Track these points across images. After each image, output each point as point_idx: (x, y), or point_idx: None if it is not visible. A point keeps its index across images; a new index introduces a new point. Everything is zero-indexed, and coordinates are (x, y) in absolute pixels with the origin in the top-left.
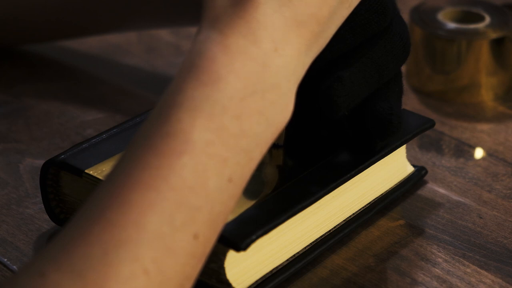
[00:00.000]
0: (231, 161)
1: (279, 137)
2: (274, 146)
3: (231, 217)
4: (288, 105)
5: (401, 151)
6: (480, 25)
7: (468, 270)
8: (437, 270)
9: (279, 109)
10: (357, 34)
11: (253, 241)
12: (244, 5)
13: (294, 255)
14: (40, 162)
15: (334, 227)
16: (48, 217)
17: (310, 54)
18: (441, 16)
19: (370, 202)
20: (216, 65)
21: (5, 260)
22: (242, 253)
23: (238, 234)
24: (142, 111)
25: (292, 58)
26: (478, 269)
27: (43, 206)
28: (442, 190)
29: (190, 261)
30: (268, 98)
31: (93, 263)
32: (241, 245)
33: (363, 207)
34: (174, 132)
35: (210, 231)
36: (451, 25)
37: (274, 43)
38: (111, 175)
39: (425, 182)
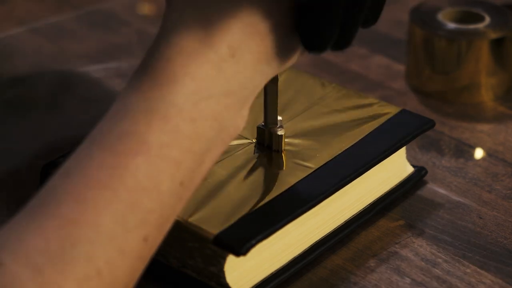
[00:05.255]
0: (183, 165)
1: (278, 144)
2: (274, 150)
3: (231, 220)
4: (242, 113)
5: (401, 151)
6: (480, 25)
7: (468, 270)
8: (437, 270)
9: (232, 116)
10: None
11: (252, 245)
12: (202, 10)
13: (294, 257)
14: (40, 163)
15: (334, 229)
16: None
17: (273, 65)
18: (441, 16)
19: (370, 203)
20: (172, 66)
21: None
22: (242, 257)
23: (238, 239)
24: None
25: (249, 66)
26: (478, 270)
27: None
28: (442, 191)
29: (137, 262)
30: (223, 103)
31: (51, 258)
32: (240, 250)
33: (363, 208)
34: (130, 132)
35: (158, 233)
36: (451, 25)
37: (232, 49)
38: (66, 168)
39: (425, 183)
